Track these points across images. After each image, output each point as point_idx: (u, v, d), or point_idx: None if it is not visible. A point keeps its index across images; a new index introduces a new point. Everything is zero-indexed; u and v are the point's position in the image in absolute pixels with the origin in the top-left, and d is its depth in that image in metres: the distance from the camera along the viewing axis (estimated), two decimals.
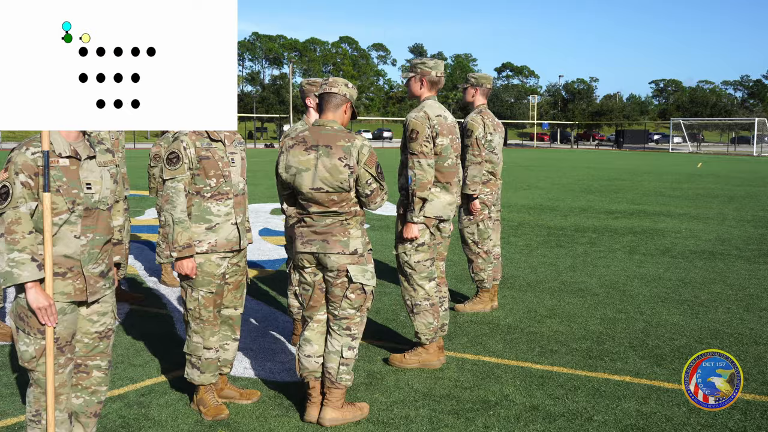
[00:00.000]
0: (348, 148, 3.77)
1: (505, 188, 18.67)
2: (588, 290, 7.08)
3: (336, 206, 3.81)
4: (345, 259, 3.83)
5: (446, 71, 60.67)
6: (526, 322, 5.93)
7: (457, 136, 4.89)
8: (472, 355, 5.11)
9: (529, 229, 11.37)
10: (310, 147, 3.81)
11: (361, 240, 3.88)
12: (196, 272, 3.89)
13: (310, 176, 3.77)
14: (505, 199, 15.91)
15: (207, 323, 3.98)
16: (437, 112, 4.74)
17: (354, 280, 3.84)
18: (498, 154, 6.22)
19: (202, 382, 4.04)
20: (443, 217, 4.79)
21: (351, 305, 3.90)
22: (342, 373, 3.91)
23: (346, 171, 3.75)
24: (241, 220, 4.03)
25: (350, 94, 3.92)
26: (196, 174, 3.87)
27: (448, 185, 4.80)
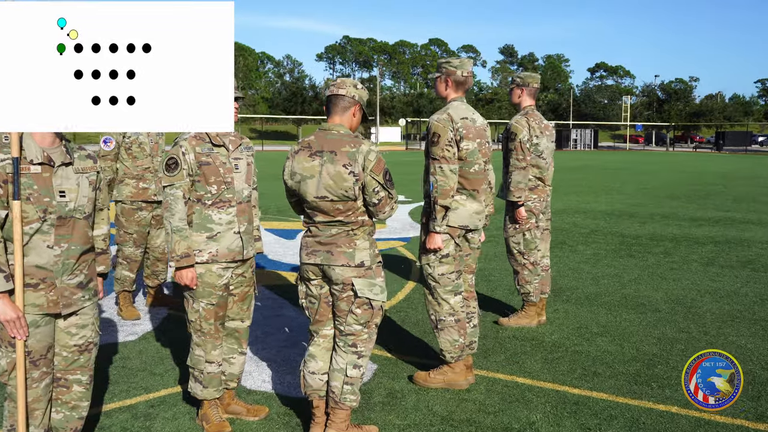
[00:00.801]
0: (353, 154, 3.51)
1: (584, 193, 17.96)
2: (650, 305, 6.55)
3: (342, 215, 3.56)
4: (350, 271, 3.58)
5: (537, 71, 60.43)
6: (574, 340, 5.50)
7: (487, 140, 4.54)
8: (505, 375, 4.75)
9: (601, 236, 10.78)
10: (314, 153, 3.57)
11: (368, 252, 3.61)
12: (196, 283, 3.73)
13: (314, 184, 3.53)
14: (582, 204, 15.27)
15: (208, 336, 3.81)
16: (463, 114, 4.42)
17: (359, 294, 3.58)
18: (546, 158, 5.81)
19: (205, 397, 3.87)
20: (470, 227, 4.46)
21: (357, 321, 3.64)
22: (346, 392, 3.66)
23: (350, 178, 3.49)
24: (246, 229, 3.84)
25: (359, 95, 3.66)
26: (197, 180, 3.71)
27: (475, 192, 4.47)
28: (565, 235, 10.93)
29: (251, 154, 3.95)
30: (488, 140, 4.55)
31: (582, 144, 66.42)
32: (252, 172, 3.92)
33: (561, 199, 16.51)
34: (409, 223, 12.20)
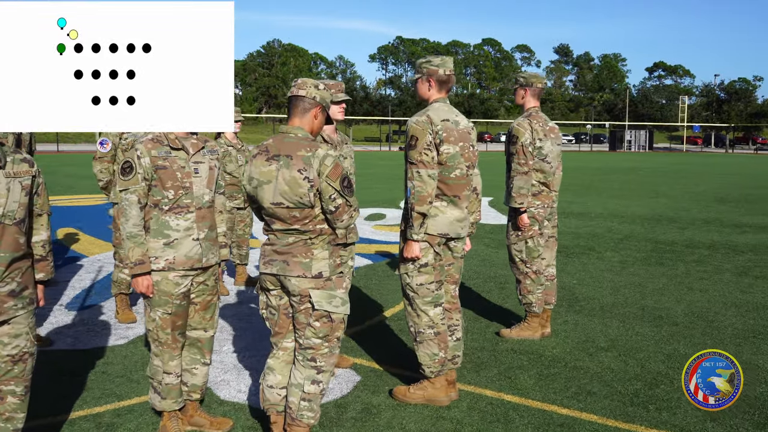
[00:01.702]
0: (308, 159, 3.31)
1: (627, 197, 17.39)
2: (668, 318, 6.18)
3: (298, 223, 3.37)
4: (307, 282, 3.39)
5: (593, 71, 58.99)
6: (576, 355, 5.20)
7: (472, 143, 4.29)
8: (492, 391, 4.49)
9: (634, 243, 10.33)
10: (272, 157, 3.38)
11: (327, 262, 3.42)
12: (152, 291, 3.60)
13: (270, 190, 3.35)
14: (621, 208, 14.76)
15: (165, 346, 3.67)
16: (444, 116, 4.16)
17: (317, 307, 3.39)
18: (551, 162, 5.50)
19: (164, 408, 3.74)
20: (450, 235, 4.20)
21: (316, 334, 3.45)
22: (303, 409, 3.47)
23: (305, 184, 3.30)
24: (206, 236, 3.69)
25: (321, 96, 3.47)
26: (154, 185, 3.57)
27: (456, 199, 4.21)
28: (595, 240, 10.53)
29: (215, 158, 3.80)
30: (473, 143, 4.31)
31: (636, 145, 64.89)
32: (215, 176, 3.76)
33: (601, 202, 16.02)
34: None
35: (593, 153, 57.48)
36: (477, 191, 4.46)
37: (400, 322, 6.04)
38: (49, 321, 5.97)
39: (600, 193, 18.43)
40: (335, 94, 4.58)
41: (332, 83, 4.62)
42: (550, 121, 5.64)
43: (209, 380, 4.62)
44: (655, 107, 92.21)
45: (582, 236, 10.94)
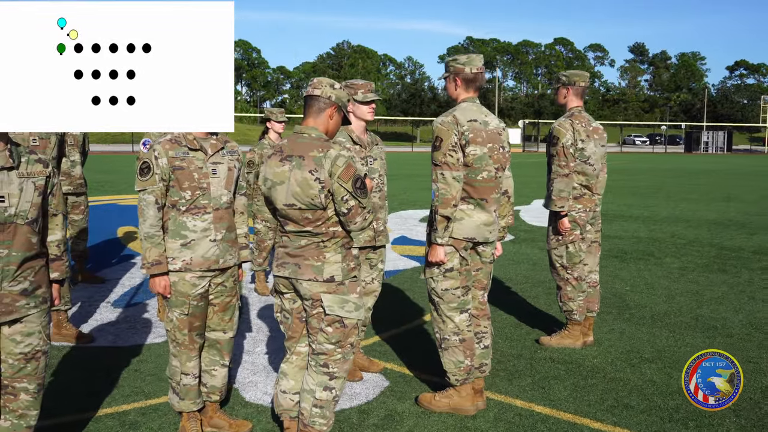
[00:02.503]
0: (320, 159, 3.24)
1: (697, 200, 16.73)
2: (723, 329, 5.85)
3: (311, 225, 3.30)
4: (319, 286, 3.32)
5: (669, 71, 57.18)
6: (617, 366, 4.96)
7: (502, 145, 4.13)
8: (523, 402, 4.32)
9: (698, 248, 9.89)
10: (285, 158, 3.32)
11: (340, 266, 3.34)
12: (170, 291, 3.60)
13: (283, 191, 3.29)
14: (689, 212, 14.20)
15: (182, 347, 3.67)
16: (471, 116, 4.02)
17: (328, 311, 3.32)
18: (594, 164, 5.27)
19: (182, 409, 3.74)
20: (477, 239, 4.07)
21: (328, 340, 3.37)
22: (315, 416, 3.41)
23: (316, 185, 3.22)
24: (224, 237, 3.67)
25: (336, 96, 3.39)
26: (171, 186, 3.58)
27: (484, 202, 4.07)
28: (656, 246, 10.12)
29: (236, 159, 3.78)
30: (503, 145, 4.15)
31: (714, 147, 62.49)
32: (234, 177, 3.74)
33: (668, 206, 15.44)
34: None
35: (667, 155, 55.65)
36: (508, 194, 4.31)
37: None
38: (94, 318, 6.10)
39: (669, 197, 17.78)
40: (365, 94, 4.50)
41: (361, 83, 4.55)
42: (595, 121, 5.42)
43: (237, 381, 4.64)
44: (735, 107, 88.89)
45: (643, 241, 10.54)
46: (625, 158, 45.96)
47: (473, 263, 4.16)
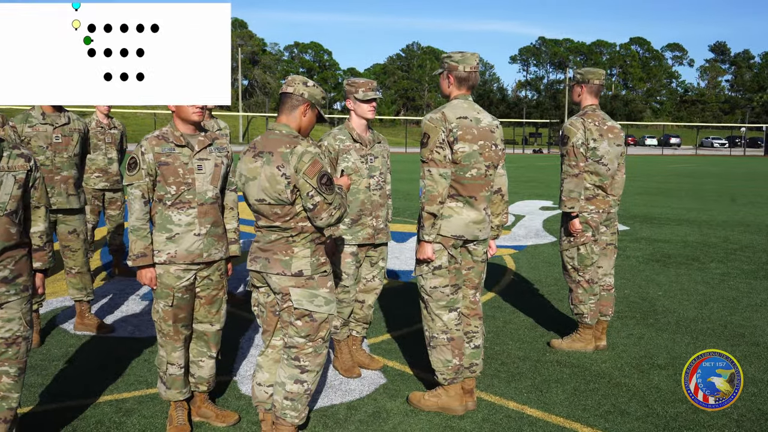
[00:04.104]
0: (287, 155, 3.29)
1: (763, 205, 16.01)
2: (751, 337, 5.61)
3: (280, 220, 3.36)
4: (287, 281, 3.38)
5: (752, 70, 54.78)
6: (625, 371, 4.83)
7: (494, 142, 4.09)
8: (516, 404, 4.26)
9: (749, 254, 9.48)
10: (257, 154, 3.39)
11: (308, 260, 3.39)
12: (155, 283, 3.71)
13: (255, 186, 3.37)
14: (750, 216, 13.63)
15: (168, 337, 3.77)
16: (461, 113, 3.98)
17: (296, 305, 3.38)
18: (608, 164, 5.11)
19: (169, 398, 3.85)
20: (466, 237, 4.03)
21: (298, 333, 3.43)
22: (286, 408, 3.46)
23: (283, 181, 3.28)
24: (208, 231, 3.75)
25: (309, 93, 3.43)
26: (158, 181, 3.69)
27: (473, 200, 4.02)
28: (703, 250, 9.77)
29: (224, 155, 3.86)
30: (496, 142, 4.10)
31: None
32: (221, 173, 3.82)
33: (730, 210, 14.86)
34: (537, 230, 11.55)
35: (744, 158, 53.44)
36: (502, 192, 4.25)
37: None
38: (120, 309, 6.32)
39: (733, 200, 17.09)
40: (365, 92, 4.52)
41: (362, 81, 4.58)
42: (611, 119, 5.27)
43: (238, 373, 4.73)
44: None
45: (690, 245, 10.18)
46: (698, 161, 44.43)
47: (464, 262, 4.13)
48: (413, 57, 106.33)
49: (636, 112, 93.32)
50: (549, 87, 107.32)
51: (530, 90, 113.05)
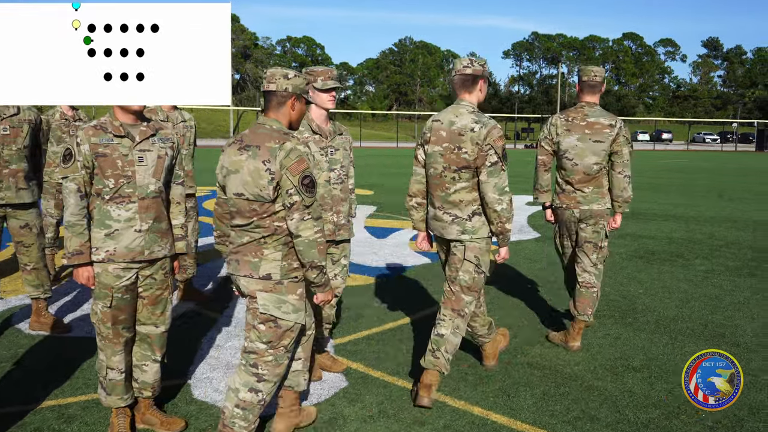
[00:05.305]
0: (274, 150, 3.18)
1: (751, 200, 15.88)
2: (731, 337, 5.42)
3: (257, 217, 3.22)
4: (254, 284, 3.26)
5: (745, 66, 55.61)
6: (598, 374, 4.63)
7: (458, 146, 4.04)
8: (481, 409, 4.04)
9: (734, 250, 9.27)
10: (243, 147, 3.26)
11: (278, 264, 3.25)
12: (93, 283, 3.49)
13: (236, 179, 3.25)
14: (737, 212, 13.51)
15: (107, 340, 3.55)
16: (438, 116, 4.21)
17: (262, 310, 3.24)
18: (573, 158, 5.03)
19: (109, 405, 3.62)
20: (432, 232, 4.34)
21: (259, 338, 3.29)
22: (236, 416, 3.25)
23: (266, 176, 3.15)
24: (151, 227, 3.52)
25: (293, 85, 3.31)
26: (95, 173, 3.46)
27: (432, 197, 4.27)
28: (688, 246, 9.59)
29: (168, 146, 3.63)
30: (461, 146, 4.03)
31: None
32: (164, 165, 3.59)
33: (717, 206, 14.71)
34: (522, 226, 11.34)
35: (736, 153, 53.42)
36: (486, 201, 4.04)
37: (422, 327, 5.67)
38: (82, 308, 6.08)
39: (721, 196, 16.94)
40: (324, 81, 4.30)
41: (321, 69, 4.35)
42: (599, 116, 5.00)
43: (193, 375, 4.51)
44: None
45: (675, 241, 10.01)
46: (689, 156, 44.37)
47: (449, 257, 4.30)
48: (406, 52, 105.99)
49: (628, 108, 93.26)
50: (541, 82, 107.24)
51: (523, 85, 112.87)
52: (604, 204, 5.04)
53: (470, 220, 4.08)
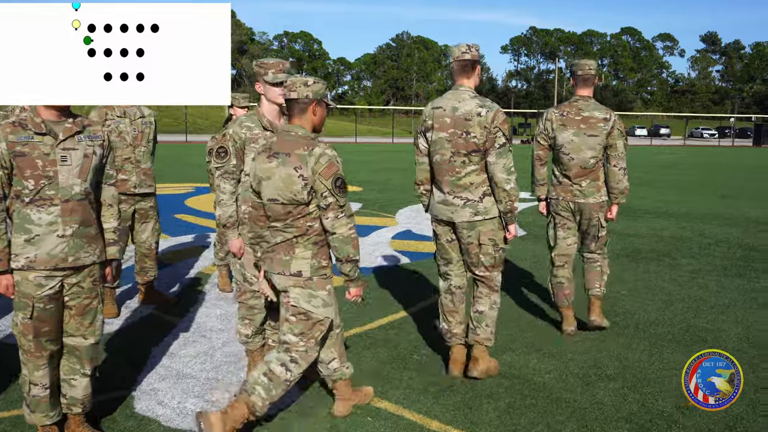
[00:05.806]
0: (304, 157, 3.40)
1: (744, 197, 15.64)
2: (714, 343, 5.16)
3: (291, 218, 3.45)
4: (286, 280, 3.51)
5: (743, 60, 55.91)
6: (568, 383, 4.37)
7: (466, 131, 4.15)
8: (440, 423, 3.79)
9: (723, 249, 9.02)
10: (272, 155, 3.48)
11: (308, 262, 3.49)
12: (12, 292, 3.23)
13: (270, 186, 3.46)
14: (729, 209, 13.27)
15: (29, 354, 3.29)
16: (439, 103, 4.29)
17: (293, 303, 3.49)
18: (569, 153, 5.21)
19: (34, 423, 3.38)
20: (439, 217, 4.39)
21: (291, 330, 3.52)
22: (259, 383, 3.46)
23: (299, 182, 3.38)
24: (75, 232, 3.26)
25: (313, 92, 3.48)
26: (14, 174, 3.19)
27: (440, 183, 4.34)
28: (676, 245, 9.33)
29: (97, 144, 3.36)
30: (469, 130, 4.15)
31: None
32: (91, 165, 3.32)
33: (710, 202, 14.45)
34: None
35: (733, 148, 53.10)
36: (495, 181, 4.18)
37: (394, 332, 5.41)
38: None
39: (714, 192, 16.68)
40: (275, 74, 4.05)
41: (272, 62, 4.10)
42: (593, 110, 5.15)
43: (139, 386, 4.26)
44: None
45: (663, 239, 9.75)
46: (685, 151, 44.11)
47: (443, 237, 4.46)
48: (403, 47, 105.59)
49: (626, 103, 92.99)
50: (539, 77, 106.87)
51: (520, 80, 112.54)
52: (600, 197, 5.22)
53: (482, 202, 4.21)
